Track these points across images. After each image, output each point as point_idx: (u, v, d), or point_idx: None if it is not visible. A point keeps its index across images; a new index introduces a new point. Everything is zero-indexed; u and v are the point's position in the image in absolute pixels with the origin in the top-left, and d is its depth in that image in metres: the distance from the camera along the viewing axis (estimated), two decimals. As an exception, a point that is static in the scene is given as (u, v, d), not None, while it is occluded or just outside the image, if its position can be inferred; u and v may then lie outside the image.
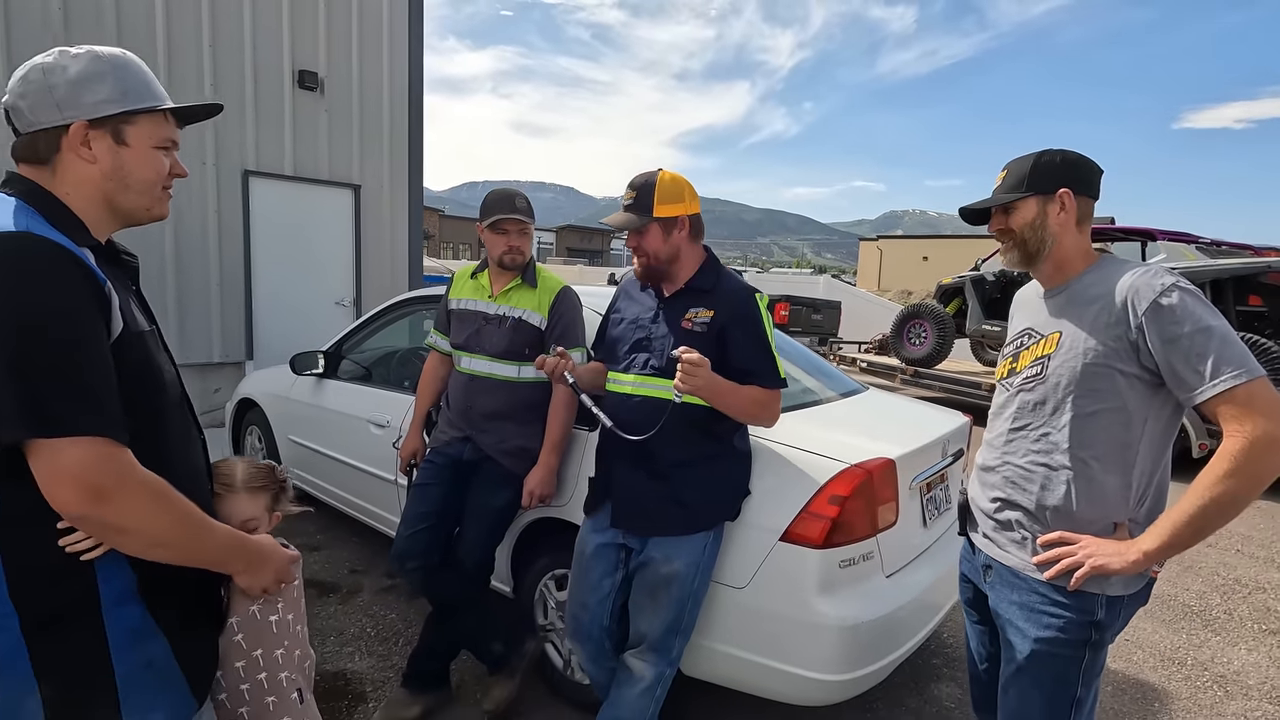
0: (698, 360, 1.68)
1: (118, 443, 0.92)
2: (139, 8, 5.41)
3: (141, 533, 0.95)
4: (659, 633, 1.89)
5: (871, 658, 1.99)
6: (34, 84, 1.00)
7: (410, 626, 2.95)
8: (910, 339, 8.83)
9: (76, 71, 1.01)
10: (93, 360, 0.93)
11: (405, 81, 7.18)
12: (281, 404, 3.93)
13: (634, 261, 1.95)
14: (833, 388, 2.91)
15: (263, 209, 6.30)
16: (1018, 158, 1.50)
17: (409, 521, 2.36)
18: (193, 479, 1.14)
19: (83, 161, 1.02)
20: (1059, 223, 1.44)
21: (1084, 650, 1.39)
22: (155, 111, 1.07)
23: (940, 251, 38.86)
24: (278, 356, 5.58)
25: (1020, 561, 1.46)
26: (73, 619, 0.98)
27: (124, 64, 1.05)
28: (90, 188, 1.04)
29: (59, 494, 0.89)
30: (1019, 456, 1.48)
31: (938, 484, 2.50)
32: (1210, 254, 6.72)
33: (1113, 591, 1.37)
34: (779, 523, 1.96)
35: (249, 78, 6.07)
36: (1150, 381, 1.33)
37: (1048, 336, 1.46)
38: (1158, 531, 1.29)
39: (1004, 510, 1.51)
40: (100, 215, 1.06)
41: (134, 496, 0.93)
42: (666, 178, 1.86)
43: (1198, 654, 3.13)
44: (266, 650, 1.32)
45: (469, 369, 2.39)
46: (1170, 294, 1.29)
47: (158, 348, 1.10)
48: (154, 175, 1.08)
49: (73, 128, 1.00)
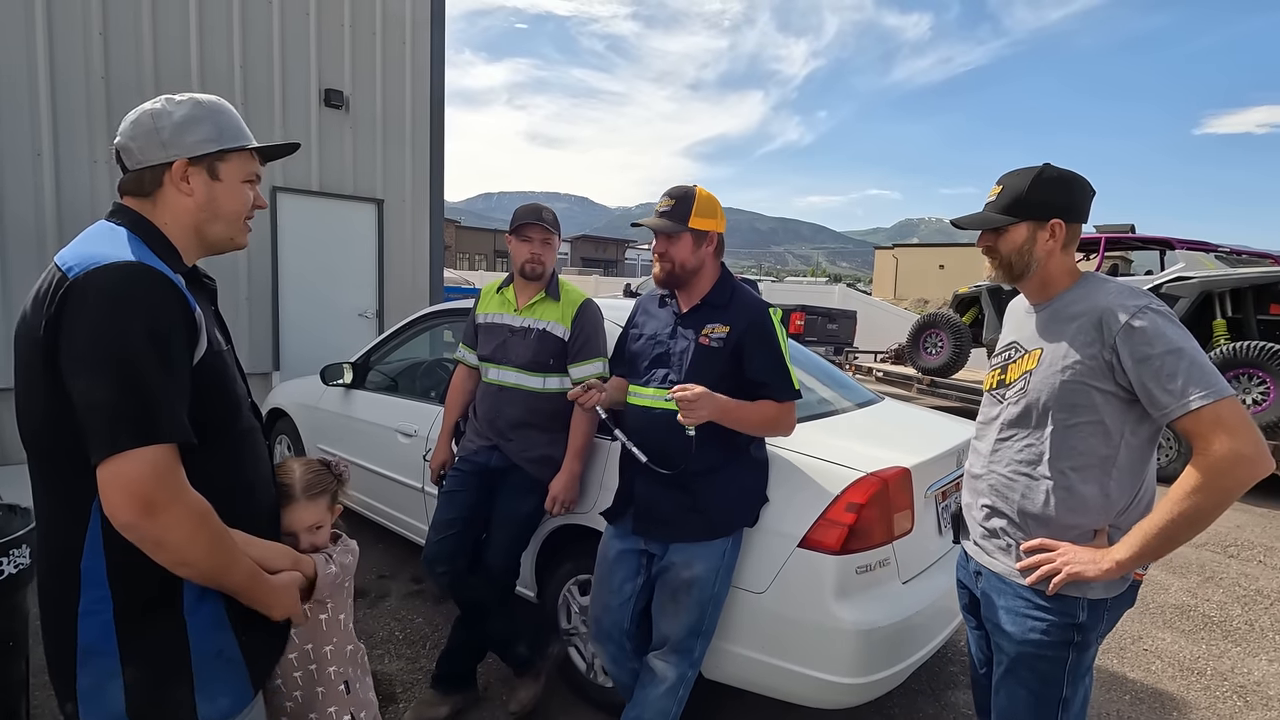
0: (693, 396, 1.76)
1: (175, 456, 1.00)
2: (174, 32, 5.62)
3: (177, 549, 1.01)
4: (681, 634, 1.95)
5: (888, 662, 2.04)
6: (143, 127, 1.14)
7: (436, 630, 3.03)
8: (926, 348, 8.82)
9: (180, 116, 1.14)
10: (177, 380, 1.02)
11: (427, 98, 7.36)
12: (311, 414, 4.05)
13: (654, 266, 2.03)
14: (849, 398, 2.97)
15: (290, 224, 6.48)
16: (1014, 173, 1.51)
17: (438, 527, 2.45)
18: (263, 485, 1.26)
19: (181, 194, 1.15)
20: (1046, 249, 1.48)
21: (1067, 651, 1.45)
22: (244, 150, 1.21)
23: (956, 260, 38.59)
24: (303, 367, 5.73)
25: (1006, 567, 1.52)
26: (159, 609, 1.07)
27: (220, 109, 1.19)
28: (186, 217, 1.17)
29: (113, 501, 0.96)
30: (1003, 466, 1.53)
31: (953, 493, 2.54)
32: (1230, 263, 6.68)
33: (1094, 595, 1.42)
34: (797, 529, 2.03)
35: (278, 97, 6.27)
36: (1126, 399, 1.38)
37: (1030, 352, 1.51)
38: (1130, 542, 1.35)
39: (991, 518, 1.56)
40: (191, 243, 1.19)
41: (180, 514, 0.99)
42: (704, 194, 1.95)
43: (1218, 664, 3.13)
44: (317, 645, 1.41)
45: (496, 380, 2.48)
46: (1143, 315, 1.33)
47: (233, 364, 1.21)
48: (240, 206, 1.22)
49: (175, 164, 1.14)
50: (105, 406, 0.96)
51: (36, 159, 5.04)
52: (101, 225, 1.12)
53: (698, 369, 1.92)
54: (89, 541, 1.04)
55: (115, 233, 1.09)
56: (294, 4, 6.33)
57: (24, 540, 1.91)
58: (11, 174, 4.95)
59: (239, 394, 1.20)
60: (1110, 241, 7.81)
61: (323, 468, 1.51)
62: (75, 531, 1.04)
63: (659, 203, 1.98)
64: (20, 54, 4.93)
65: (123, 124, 1.16)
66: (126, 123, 1.15)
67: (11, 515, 2.10)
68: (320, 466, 1.51)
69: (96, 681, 1.05)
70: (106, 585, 1.04)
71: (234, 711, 1.15)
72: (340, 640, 1.45)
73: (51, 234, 5.10)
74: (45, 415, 1.04)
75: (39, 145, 5.04)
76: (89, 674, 1.05)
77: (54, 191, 5.12)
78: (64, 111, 5.13)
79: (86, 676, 1.05)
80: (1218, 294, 6.50)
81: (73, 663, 1.05)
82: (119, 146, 1.15)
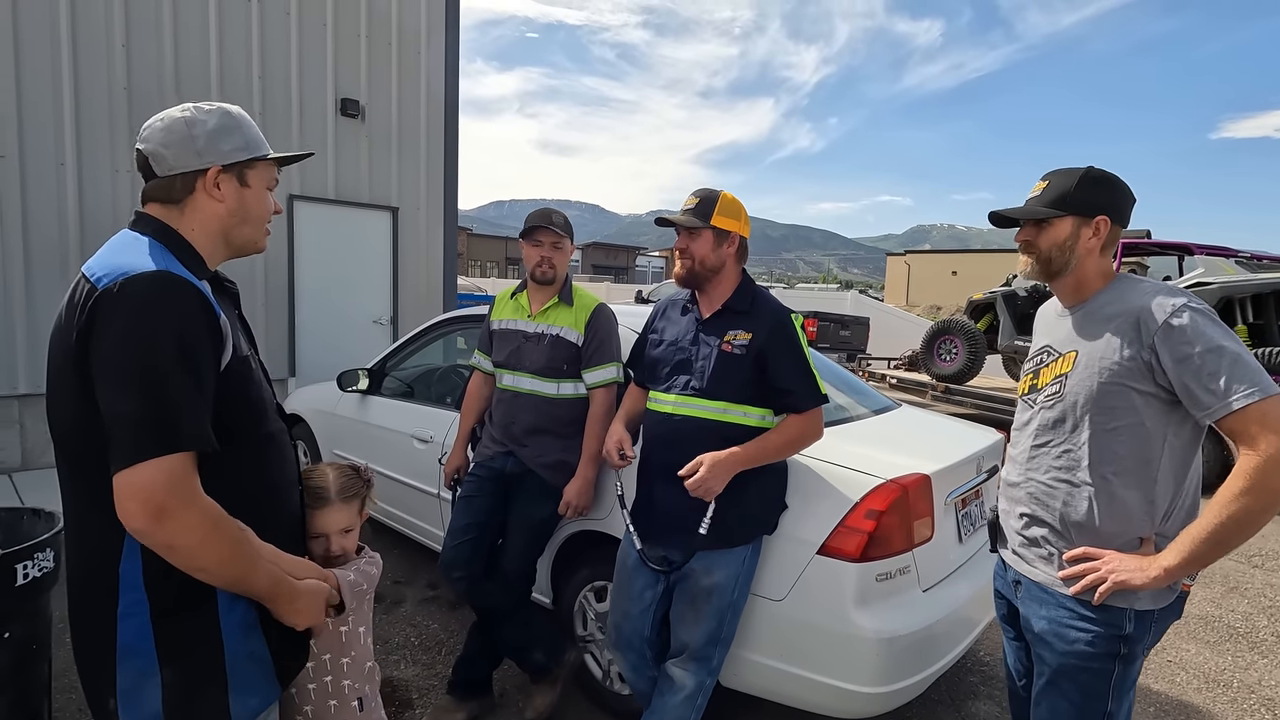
0: (701, 477, 1.80)
1: (190, 464, 1.00)
2: (194, 44, 5.71)
3: (189, 554, 1.02)
4: (700, 642, 1.94)
5: (909, 671, 2.02)
6: (178, 134, 1.15)
7: (452, 636, 3.04)
8: (941, 355, 8.75)
9: (215, 125, 1.17)
10: (203, 388, 1.04)
11: (441, 107, 7.43)
12: (327, 419, 4.07)
13: (675, 263, 2.03)
14: (866, 404, 2.96)
15: (306, 232, 6.56)
16: (1060, 170, 1.49)
17: (454, 533, 2.45)
18: (288, 488, 1.27)
19: (213, 200, 1.18)
20: (1087, 247, 1.46)
21: (1113, 664, 1.41)
22: (268, 159, 1.24)
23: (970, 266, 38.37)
24: (319, 374, 5.77)
25: (1047, 577, 1.48)
26: (194, 611, 1.09)
27: (246, 119, 1.23)
28: (215, 223, 1.19)
29: (126, 507, 0.97)
30: (1041, 473, 1.50)
31: (972, 500, 2.52)
32: (1251, 268, 6.59)
33: (1141, 606, 1.38)
34: (816, 536, 2.01)
35: (295, 106, 6.35)
36: (1167, 400, 1.35)
37: (1065, 355, 1.48)
38: (1178, 548, 1.31)
39: (1030, 526, 1.53)
40: (216, 247, 1.21)
41: (190, 521, 1.00)
42: (728, 196, 1.98)
43: (1244, 676, 3.07)
44: (334, 656, 1.41)
45: (511, 386, 2.49)
46: (1181, 314, 1.31)
47: (258, 368, 1.23)
48: (265, 211, 1.26)
49: (210, 171, 1.16)
50: (129, 417, 0.98)
51: (60, 169, 5.13)
52: (126, 235, 1.14)
53: (720, 376, 1.92)
54: (127, 545, 1.05)
55: (140, 242, 1.11)
56: (311, 15, 6.42)
57: (48, 544, 1.92)
58: (35, 183, 5.03)
59: (264, 398, 1.21)
60: (1127, 247, 7.72)
61: (353, 473, 1.53)
62: (112, 535, 1.05)
63: (685, 202, 2.01)
64: (45, 65, 5.02)
65: (147, 130, 1.17)
66: (154, 129, 1.16)
67: (35, 519, 2.13)
68: (351, 471, 1.53)
69: (135, 682, 1.07)
70: (143, 588, 1.06)
71: (260, 709, 1.17)
72: (358, 655, 1.45)
73: (74, 241, 5.19)
74: (75, 421, 1.06)
75: (62, 155, 5.13)
76: (127, 674, 1.07)
77: (77, 200, 5.21)
78: (87, 122, 5.22)
79: (126, 677, 1.07)
80: (1239, 300, 6.40)
81: (113, 663, 1.07)
82: (148, 152, 1.16)
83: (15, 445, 4.98)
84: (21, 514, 2.15)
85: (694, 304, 2.07)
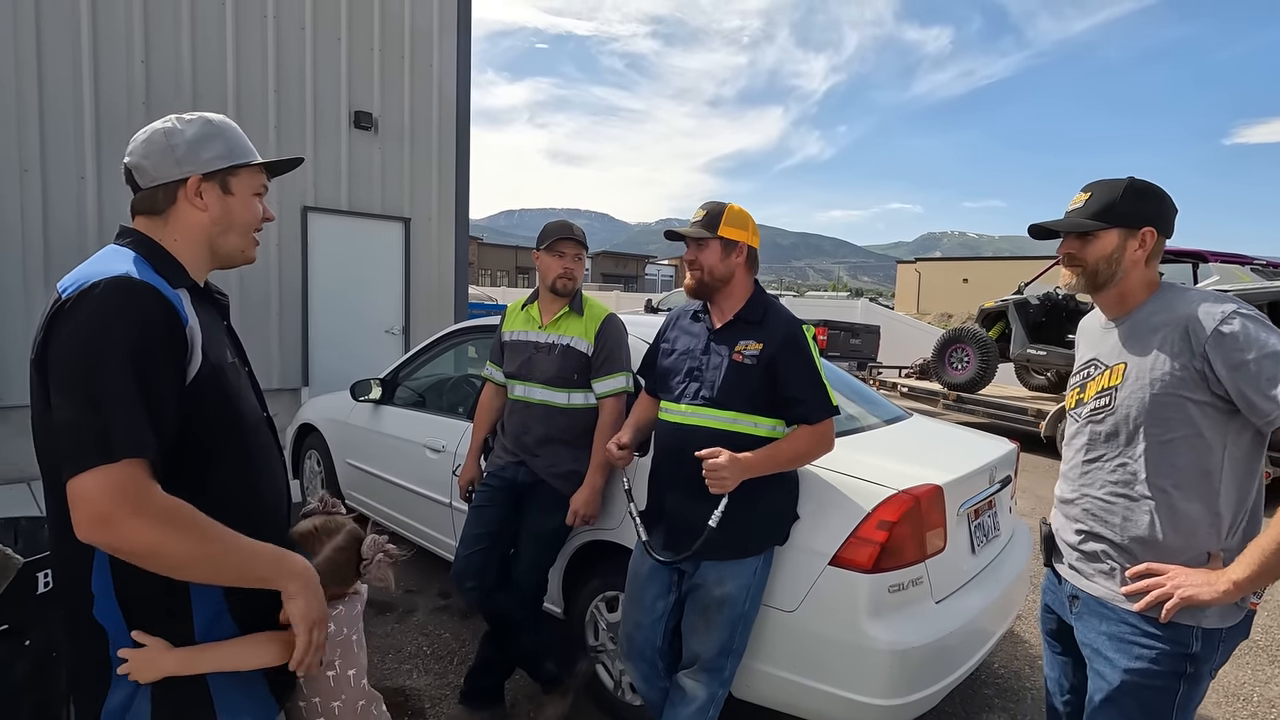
0: (719, 465, 1.78)
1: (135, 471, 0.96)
2: (212, 57, 5.82)
3: (158, 557, 0.98)
4: (712, 653, 1.94)
5: (922, 683, 2.00)
6: (157, 145, 1.15)
7: (464, 645, 3.04)
8: (952, 364, 8.71)
9: (193, 134, 1.16)
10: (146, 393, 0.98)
11: (453, 119, 7.51)
12: (340, 429, 4.10)
13: (685, 276, 2.06)
14: (877, 414, 2.95)
15: (320, 242, 6.63)
16: (1103, 181, 1.47)
17: (466, 543, 2.47)
18: (271, 492, 1.24)
19: (195, 209, 1.17)
20: (1133, 259, 1.43)
21: (1178, 683, 1.36)
22: (252, 165, 1.23)
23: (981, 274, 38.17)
24: (332, 383, 5.82)
25: (1108, 592, 1.44)
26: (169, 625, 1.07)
27: (228, 127, 1.21)
28: (198, 232, 1.18)
29: (74, 516, 0.95)
30: (1096, 488, 1.47)
31: (985, 510, 2.50)
32: (1267, 275, 6.52)
33: (1208, 624, 1.34)
34: (828, 547, 2.01)
35: (309, 119, 6.44)
36: (1223, 408, 1.32)
37: (1113, 368, 1.46)
38: (1247, 560, 1.26)
39: (1089, 542, 1.49)
40: (201, 257, 1.19)
41: (138, 525, 0.95)
42: (735, 207, 2.01)
43: (1265, 690, 3.02)
44: (324, 700, 1.35)
45: (522, 396, 2.50)
46: (1231, 321, 1.29)
47: (239, 378, 1.20)
48: (251, 218, 1.23)
49: (190, 180, 1.16)
50: (71, 425, 0.96)
51: (80, 182, 5.23)
52: (108, 249, 1.13)
53: (730, 386, 1.93)
54: (97, 559, 1.04)
55: (118, 253, 1.10)
56: (326, 29, 6.52)
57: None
58: (57, 195, 5.13)
59: (242, 409, 1.18)
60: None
61: (352, 556, 1.37)
62: (83, 550, 1.04)
63: (693, 215, 2.05)
64: (67, 82, 5.13)
65: (132, 144, 1.17)
66: (137, 142, 1.16)
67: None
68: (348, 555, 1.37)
69: (123, 701, 1.06)
70: (115, 602, 1.05)
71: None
72: (350, 696, 1.37)
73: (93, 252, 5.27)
74: (41, 433, 1.06)
75: (83, 169, 5.23)
76: (119, 692, 1.06)
77: (96, 212, 5.30)
78: (107, 136, 5.32)
79: (115, 695, 1.06)
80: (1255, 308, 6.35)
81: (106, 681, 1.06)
82: (131, 166, 1.16)
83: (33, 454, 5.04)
84: (42, 522, 2.18)
85: (706, 314, 2.08)
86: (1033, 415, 7.63)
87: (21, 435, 4.95)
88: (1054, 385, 8.88)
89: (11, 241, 4.96)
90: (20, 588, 1.79)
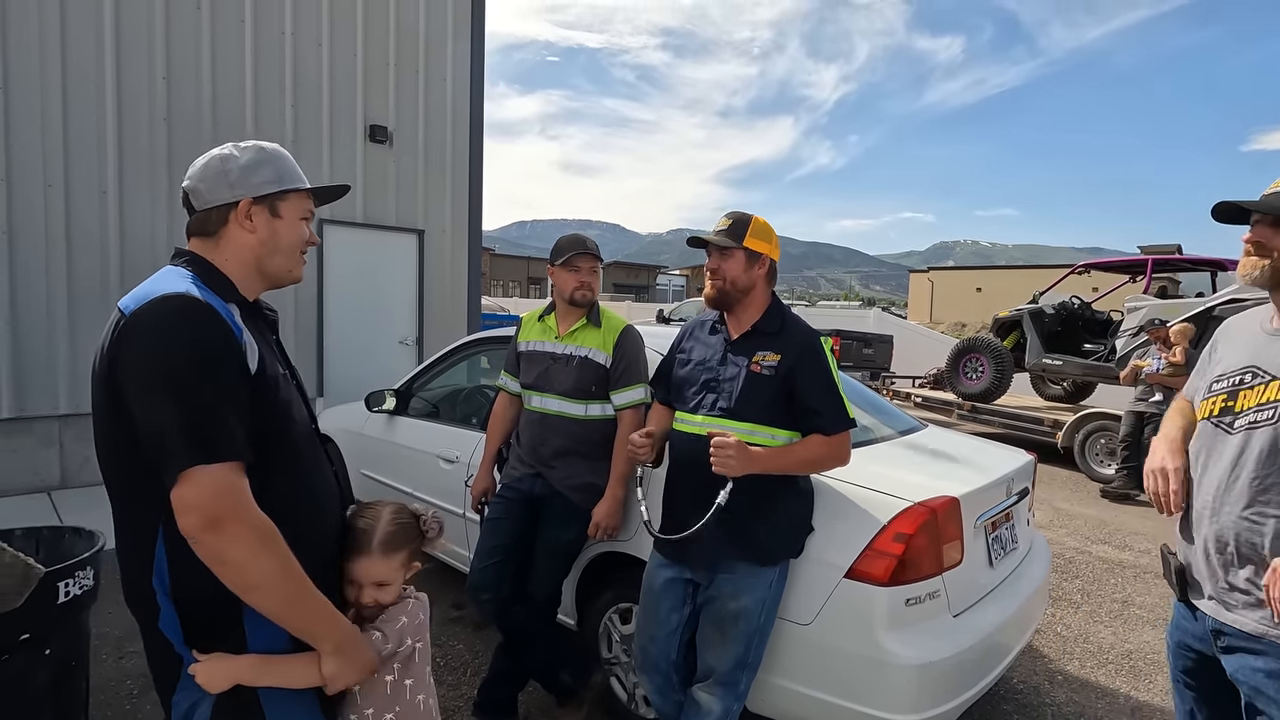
0: (726, 443, 1.76)
1: (235, 473, 1.04)
2: (231, 74, 5.92)
3: (242, 568, 1.03)
4: (727, 667, 1.93)
5: (941, 698, 1.97)
6: (213, 170, 1.23)
7: (477, 657, 3.04)
8: (966, 373, 8.64)
9: (246, 160, 1.23)
10: (228, 399, 1.07)
11: (466, 132, 7.60)
12: (355, 439, 4.13)
13: (705, 285, 2.05)
14: (892, 425, 2.93)
15: (335, 255, 6.71)
16: None
17: (481, 555, 2.47)
18: (325, 501, 1.29)
19: (244, 231, 1.23)
20: None
21: None
22: (301, 190, 1.29)
23: (994, 283, 37.90)
24: (346, 393, 5.86)
25: (1260, 627, 1.32)
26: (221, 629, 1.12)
27: (280, 154, 1.28)
28: (248, 253, 1.24)
29: (184, 517, 1.01)
30: (1242, 507, 1.34)
31: (1003, 523, 2.48)
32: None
33: None
34: (844, 560, 1.99)
35: (325, 133, 6.54)
36: None
37: (1277, 379, 1.31)
38: None
39: (1232, 568, 1.37)
40: (250, 276, 1.26)
41: (243, 531, 1.02)
42: (760, 220, 2.00)
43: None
44: (377, 711, 1.31)
45: (539, 408, 2.51)
46: None
47: (289, 388, 1.26)
48: (297, 240, 1.30)
49: (241, 203, 1.22)
50: (162, 430, 1.02)
51: (102, 196, 5.32)
52: (166, 269, 1.20)
53: (748, 397, 1.93)
54: (156, 564, 1.09)
55: (173, 273, 1.17)
56: (343, 46, 6.63)
57: (88, 563, 1.97)
58: (79, 210, 5.23)
59: (293, 417, 1.24)
60: (1158, 263, 7.60)
61: (411, 520, 1.39)
62: (144, 555, 1.10)
63: (717, 223, 2.04)
64: (91, 99, 5.24)
65: (191, 169, 1.25)
66: (195, 167, 1.24)
67: (76, 538, 2.18)
68: (409, 519, 1.39)
69: (186, 696, 1.12)
70: (173, 605, 1.10)
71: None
72: (403, 710, 1.33)
73: (114, 266, 5.37)
74: (107, 444, 1.12)
75: (105, 184, 5.33)
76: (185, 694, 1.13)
77: (118, 226, 5.39)
78: (129, 152, 5.43)
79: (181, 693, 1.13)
80: None
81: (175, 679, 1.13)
82: (188, 189, 1.24)
83: (55, 464, 5.12)
84: (63, 532, 2.21)
85: (723, 325, 2.08)
86: (1049, 425, 7.55)
87: (44, 446, 5.05)
88: (1070, 395, 8.79)
89: (36, 256, 5.06)
90: (42, 597, 1.82)
